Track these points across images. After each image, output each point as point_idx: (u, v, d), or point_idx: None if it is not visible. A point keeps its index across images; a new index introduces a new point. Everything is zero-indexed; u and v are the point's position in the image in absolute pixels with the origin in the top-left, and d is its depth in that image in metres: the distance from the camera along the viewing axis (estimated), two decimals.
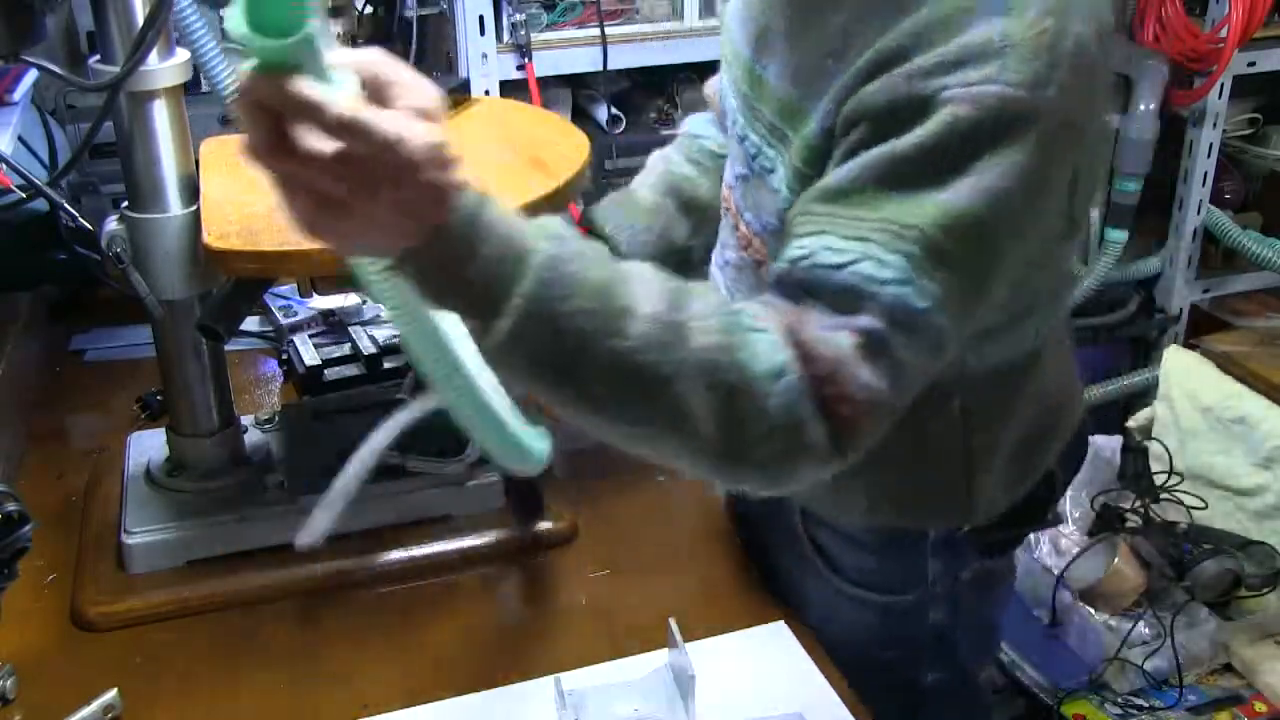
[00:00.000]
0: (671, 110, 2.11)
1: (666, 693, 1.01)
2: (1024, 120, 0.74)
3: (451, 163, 0.67)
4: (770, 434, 0.73)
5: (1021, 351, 0.96)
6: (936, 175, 0.75)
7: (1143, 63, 2.25)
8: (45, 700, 1.01)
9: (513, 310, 0.69)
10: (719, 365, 0.72)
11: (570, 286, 0.70)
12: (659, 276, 0.75)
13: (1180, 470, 2.21)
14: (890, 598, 1.07)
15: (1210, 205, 2.39)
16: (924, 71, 0.75)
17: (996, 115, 0.74)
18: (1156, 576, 2.03)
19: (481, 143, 1.23)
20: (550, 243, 0.71)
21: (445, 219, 0.67)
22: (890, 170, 0.76)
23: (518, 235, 0.70)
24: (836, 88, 0.82)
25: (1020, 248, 0.79)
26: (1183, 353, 2.32)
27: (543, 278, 0.69)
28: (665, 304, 0.73)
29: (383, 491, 1.20)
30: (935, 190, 0.74)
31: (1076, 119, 0.77)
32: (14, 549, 0.99)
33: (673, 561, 1.20)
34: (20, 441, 1.40)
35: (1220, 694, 1.97)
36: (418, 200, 0.66)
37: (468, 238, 0.68)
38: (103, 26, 1.02)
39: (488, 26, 1.84)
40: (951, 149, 0.74)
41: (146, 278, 1.06)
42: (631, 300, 0.72)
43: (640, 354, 0.71)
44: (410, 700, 1.02)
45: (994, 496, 1.02)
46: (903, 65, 0.77)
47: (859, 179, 0.77)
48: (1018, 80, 0.73)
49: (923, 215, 0.74)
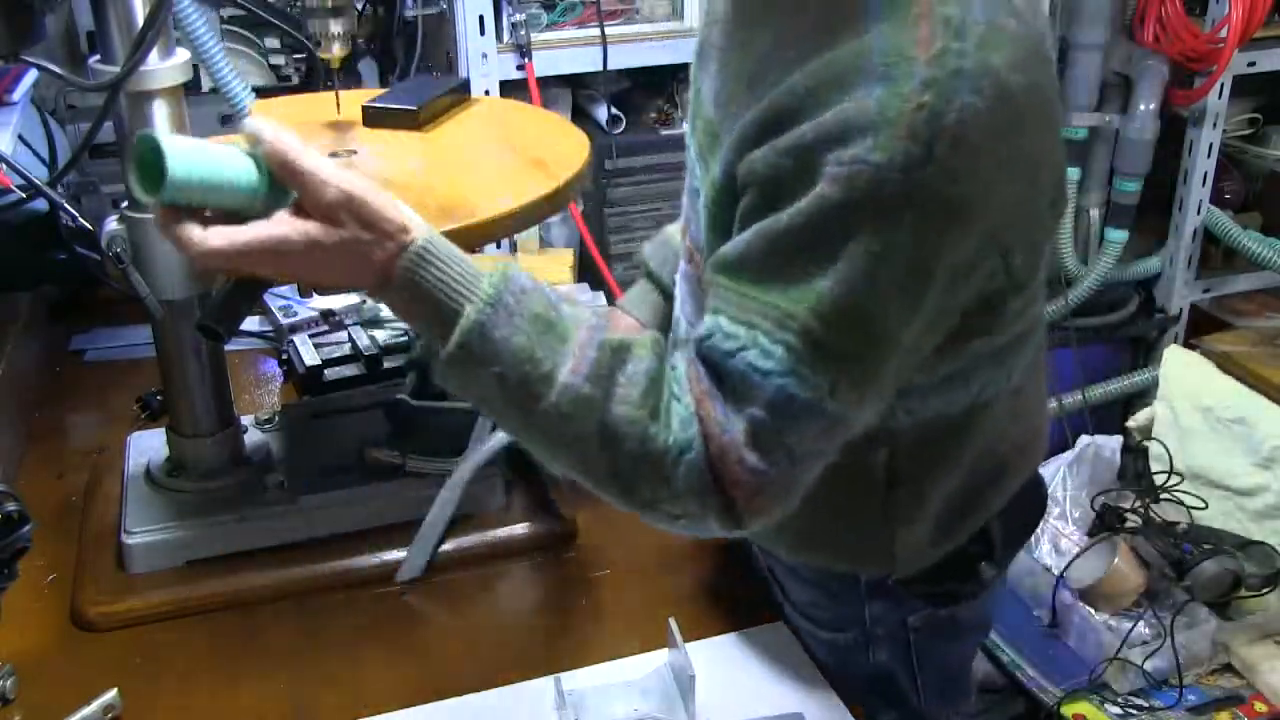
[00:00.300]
0: (671, 110, 2.11)
1: (666, 693, 1.01)
2: (897, 202, 0.71)
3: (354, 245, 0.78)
4: (677, 498, 0.80)
5: (958, 408, 0.91)
6: (814, 255, 0.74)
7: (1143, 63, 2.26)
8: (45, 700, 1.01)
9: (444, 358, 0.79)
10: (628, 435, 0.78)
11: (491, 353, 0.78)
12: (596, 341, 0.80)
13: (1180, 470, 2.21)
14: (831, 633, 1.06)
15: (1210, 205, 2.39)
16: (805, 144, 0.74)
17: (866, 196, 0.71)
18: (1156, 576, 2.04)
19: (481, 143, 1.23)
20: (481, 309, 0.78)
21: (384, 279, 0.79)
22: (772, 245, 0.76)
23: (452, 299, 0.79)
24: (738, 131, 0.82)
25: (915, 324, 0.77)
26: (1183, 353, 2.32)
27: (465, 342, 0.78)
28: (587, 372, 0.78)
29: (383, 491, 1.20)
30: (815, 273, 0.74)
31: (965, 195, 0.72)
32: (14, 549, 0.99)
33: (673, 561, 1.20)
34: (20, 441, 1.40)
35: (1220, 694, 1.97)
36: (342, 265, 0.79)
37: (406, 296, 0.79)
38: (103, 26, 1.02)
39: (488, 26, 1.85)
40: (826, 228, 0.73)
41: (146, 278, 1.06)
42: (553, 368, 0.78)
43: (547, 419, 0.79)
44: (410, 700, 1.02)
45: (919, 549, 0.98)
46: (790, 130, 0.75)
47: (748, 252, 0.78)
48: (888, 162, 0.70)
49: (802, 303, 0.75)
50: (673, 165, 2.02)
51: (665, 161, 2.06)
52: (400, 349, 1.52)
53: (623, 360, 0.80)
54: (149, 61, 1.00)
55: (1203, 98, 2.25)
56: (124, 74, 0.98)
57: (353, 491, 1.19)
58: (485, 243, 1.60)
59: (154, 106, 1.04)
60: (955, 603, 1.04)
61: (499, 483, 1.23)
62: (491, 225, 1.03)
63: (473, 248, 1.64)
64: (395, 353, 1.52)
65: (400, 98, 1.25)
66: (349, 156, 1.15)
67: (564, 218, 2.07)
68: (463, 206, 1.04)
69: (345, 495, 1.19)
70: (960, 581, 1.02)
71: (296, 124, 1.24)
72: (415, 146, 1.18)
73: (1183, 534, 2.08)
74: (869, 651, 1.05)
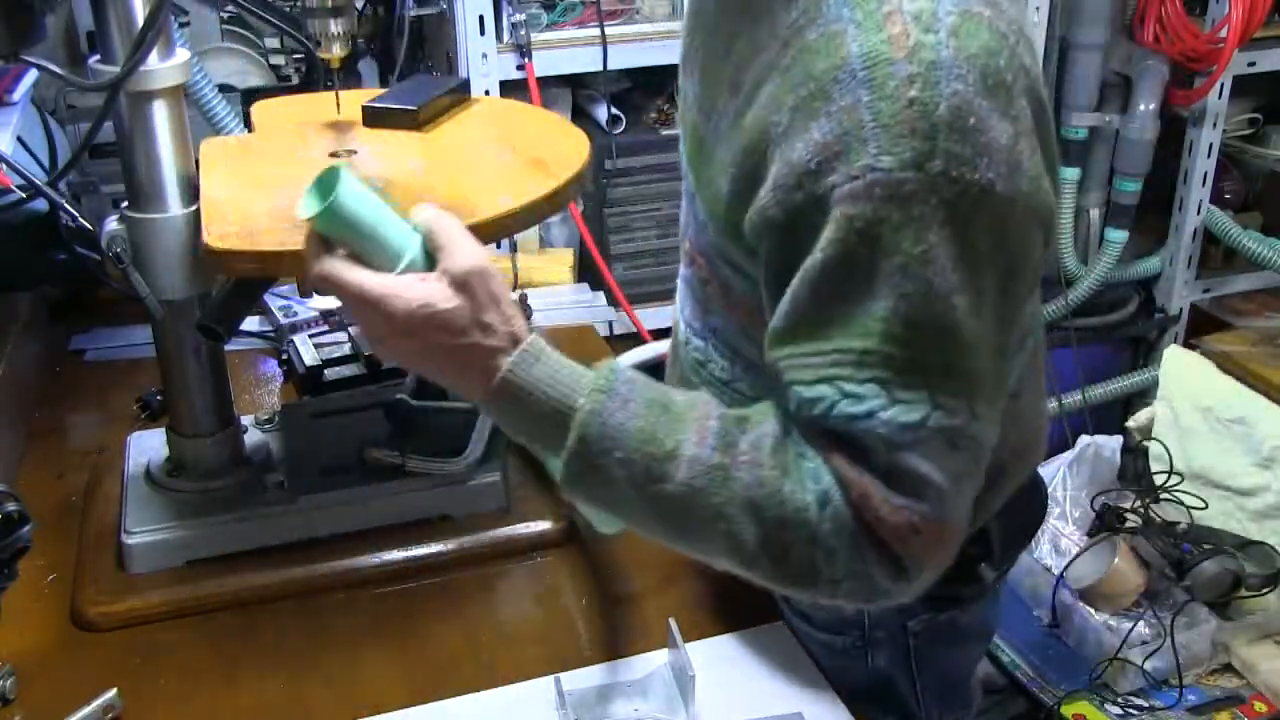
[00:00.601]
0: (671, 110, 2.11)
1: (666, 693, 1.01)
2: (915, 200, 0.71)
3: (470, 328, 0.79)
4: (833, 557, 0.76)
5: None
6: (859, 283, 0.72)
7: (1143, 63, 2.26)
8: (45, 700, 1.01)
9: (565, 457, 0.78)
10: (765, 498, 0.76)
11: (611, 441, 0.77)
12: (715, 414, 0.79)
13: (1180, 470, 2.21)
14: (830, 636, 1.06)
15: (1210, 205, 2.40)
16: (809, 171, 0.73)
17: (884, 202, 0.71)
18: (1156, 576, 2.04)
19: (481, 143, 1.23)
20: (594, 397, 0.78)
21: (489, 382, 0.79)
22: (816, 294, 0.75)
23: (563, 393, 0.79)
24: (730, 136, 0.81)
25: (988, 316, 0.75)
26: (1183, 353, 2.32)
27: (584, 435, 0.78)
28: (713, 442, 0.77)
29: (383, 491, 1.20)
30: (868, 299, 0.72)
31: (979, 180, 0.72)
32: (14, 549, 0.99)
33: (673, 561, 1.20)
34: (20, 441, 1.40)
35: (1220, 694, 1.98)
36: (455, 363, 0.80)
37: (515, 399, 0.79)
38: (103, 26, 1.02)
39: (488, 26, 1.85)
40: (862, 249, 0.72)
41: (146, 278, 1.06)
42: (677, 444, 0.77)
43: (682, 499, 0.77)
44: (410, 700, 1.02)
45: None
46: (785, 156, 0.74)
47: (796, 313, 0.76)
48: (895, 163, 0.70)
49: (870, 335, 0.73)
50: (673, 165, 2.02)
51: (665, 161, 2.06)
52: None
53: (744, 427, 0.79)
54: (149, 61, 1.00)
55: (1203, 98, 2.25)
56: (124, 74, 0.98)
57: (353, 491, 1.19)
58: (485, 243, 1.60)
59: (154, 106, 1.04)
60: (956, 605, 1.04)
61: (499, 483, 1.23)
62: (491, 225, 1.03)
63: None
64: None
65: (400, 98, 1.25)
66: (349, 156, 1.15)
67: (564, 218, 2.07)
68: (463, 206, 1.03)
69: (345, 495, 1.19)
70: (960, 584, 1.01)
71: (296, 124, 1.24)
72: (415, 146, 1.18)
73: (1183, 534, 2.08)
74: (868, 655, 1.05)
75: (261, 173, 1.12)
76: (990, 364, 0.77)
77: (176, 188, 1.06)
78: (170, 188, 1.06)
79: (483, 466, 1.22)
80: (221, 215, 1.02)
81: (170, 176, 1.06)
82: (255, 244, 0.97)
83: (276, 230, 0.99)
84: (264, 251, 0.97)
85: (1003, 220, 0.74)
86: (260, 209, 1.03)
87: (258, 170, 1.13)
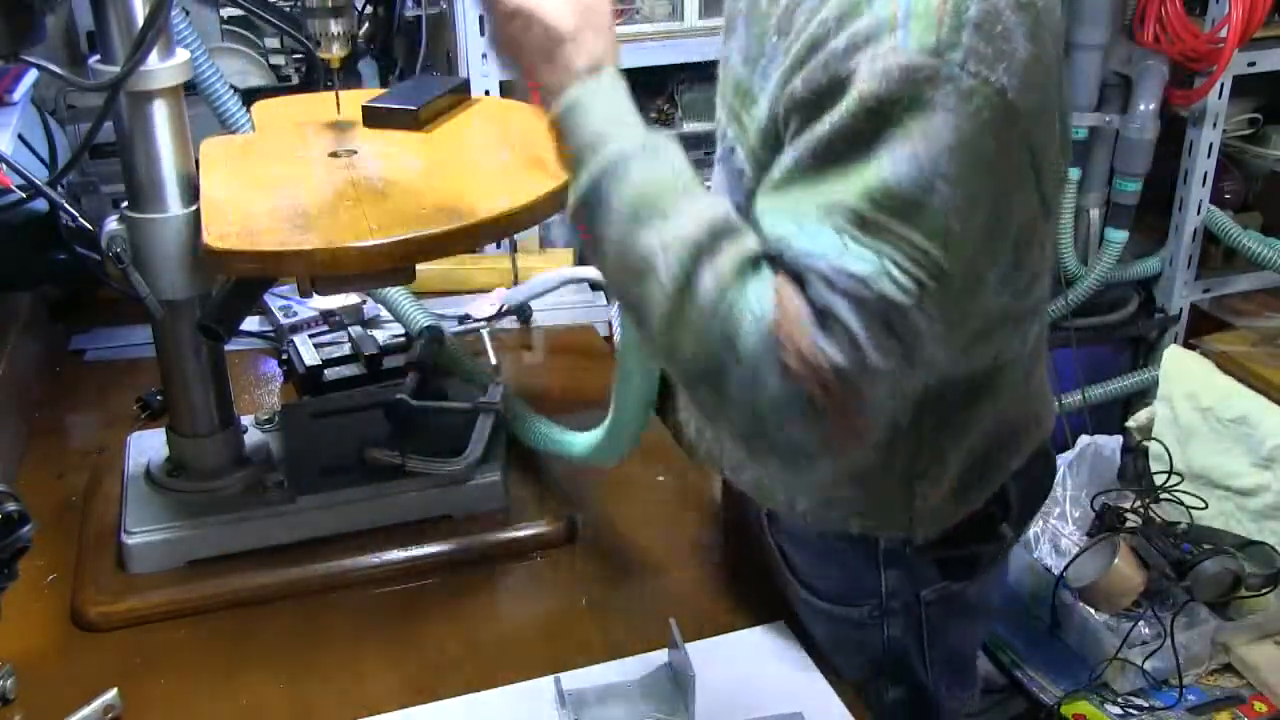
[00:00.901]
0: (671, 110, 2.11)
1: (666, 693, 1.01)
2: (930, 85, 0.73)
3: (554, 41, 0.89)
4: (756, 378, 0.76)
5: (977, 371, 0.95)
6: (857, 152, 0.75)
7: (1143, 63, 2.26)
8: (45, 700, 1.01)
9: (577, 188, 0.85)
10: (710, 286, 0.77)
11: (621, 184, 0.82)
12: (716, 207, 0.81)
13: (1180, 470, 2.21)
14: (845, 608, 1.07)
15: (1210, 205, 2.39)
16: (837, 55, 0.77)
17: (902, 83, 0.74)
18: (1156, 576, 2.03)
19: (482, 143, 1.23)
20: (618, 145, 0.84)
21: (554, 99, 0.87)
22: (815, 155, 0.78)
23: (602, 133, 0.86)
24: (778, 72, 0.84)
25: (974, 224, 0.77)
26: (1183, 353, 2.32)
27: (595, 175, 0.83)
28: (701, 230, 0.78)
29: (383, 491, 1.20)
30: (859, 164, 0.75)
31: (994, 81, 0.75)
32: (14, 549, 0.99)
33: (673, 561, 1.20)
34: (20, 441, 1.40)
35: (1220, 694, 1.97)
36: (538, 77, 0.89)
37: (567, 120, 0.87)
38: (103, 26, 1.02)
39: (488, 26, 1.84)
40: (868, 122, 0.75)
41: (146, 278, 1.06)
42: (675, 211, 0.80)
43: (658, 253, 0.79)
44: (410, 700, 1.02)
45: (940, 507, 1.00)
46: (822, 50, 0.78)
47: (793, 168, 0.80)
48: (918, 47, 0.73)
49: (848, 191, 0.75)
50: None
51: None
52: (400, 349, 1.52)
53: (737, 233, 0.80)
54: (149, 61, 1.00)
55: (1203, 98, 2.25)
56: (124, 74, 0.98)
57: (353, 491, 1.19)
58: (485, 243, 1.61)
59: (154, 106, 1.04)
60: (973, 569, 1.07)
61: (499, 483, 1.23)
62: (491, 225, 1.03)
63: (473, 248, 1.65)
64: (395, 353, 1.52)
65: (400, 98, 1.25)
66: (349, 156, 1.15)
67: (564, 217, 2.07)
68: (463, 206, 1.04)
69: (345, 495, 1.19)
70: (982, 542, 1.05)
71: (296, 124, 1.24)
72: (415, 146, 1.18)
73: (1183, 534, 2.08)
74: (883, 625, 1.07)
75: (261, 173, 1.12)
76: (958, 271, 0.77)
77: (176, 188, 1.06)
78: (170, 188, 1.06)
79: (482, 466, 1.22)
80: (221, 215, 1.02)
81: (170, 176, 1.06)
82: (255, 244, 0.97)
83: (276, 230, 0.99)
84: (264, 251, 0.97)
85: (1007, 128, 0.76)
86: (260, 209, 1.03)
87: (258, 170, 1.13)
